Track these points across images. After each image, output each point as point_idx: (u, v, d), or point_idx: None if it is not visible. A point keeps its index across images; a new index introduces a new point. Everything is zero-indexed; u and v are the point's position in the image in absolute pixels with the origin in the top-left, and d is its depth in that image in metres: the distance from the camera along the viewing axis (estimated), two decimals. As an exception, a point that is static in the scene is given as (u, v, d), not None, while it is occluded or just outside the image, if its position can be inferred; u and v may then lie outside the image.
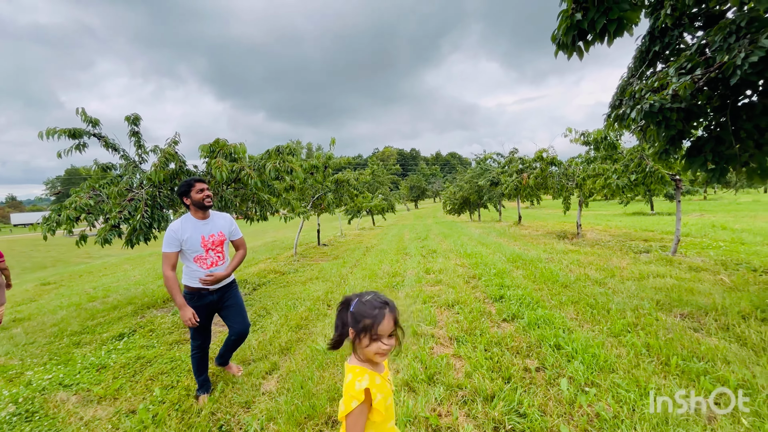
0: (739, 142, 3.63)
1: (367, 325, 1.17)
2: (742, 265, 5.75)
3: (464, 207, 25.08)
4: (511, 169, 13.78)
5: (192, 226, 2.62)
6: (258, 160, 6.19)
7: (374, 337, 1.17)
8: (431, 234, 15.01)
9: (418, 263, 7.72)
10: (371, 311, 1.18)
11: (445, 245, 10.71)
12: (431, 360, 3.00)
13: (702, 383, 2.39)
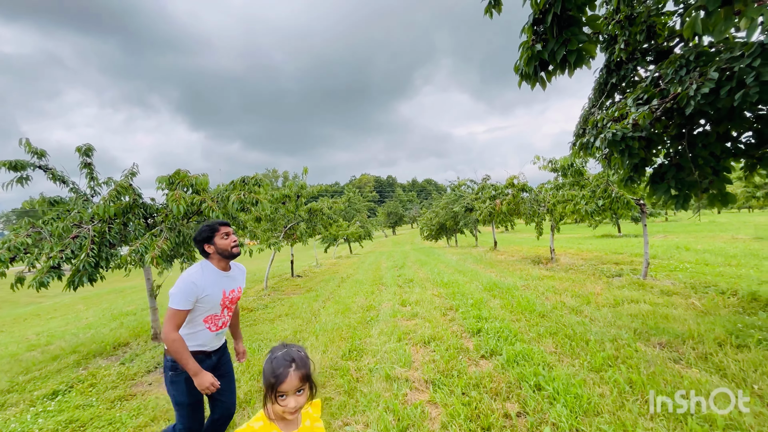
0: (698, 169, 3.72)
1: (271, 383, 1.18)
2: (710, 287, 5.85)
3: (441, 232, 25.19)
4: (484, 196, 13.99)
5: (214, 279, 2.08)
6: (222, 192, 5.90)
7: (278, 395, 1.18)
8: (408, 261, 14.81)
9: (394, 294, 7.46)
10: (276, 369, 1.18)
11: (422, 273, 10.51)
12: (404, 410, 2.72)
13: (691, 425, 2.23)
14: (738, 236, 15.19)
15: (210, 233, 2.11)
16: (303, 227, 10.73)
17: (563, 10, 2.31)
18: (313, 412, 1.41)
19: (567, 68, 2.52)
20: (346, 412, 2.81)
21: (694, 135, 3.77)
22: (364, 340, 4.55)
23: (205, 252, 2.13)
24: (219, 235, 2.12)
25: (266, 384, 1.19)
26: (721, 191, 3.60)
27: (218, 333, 2.14)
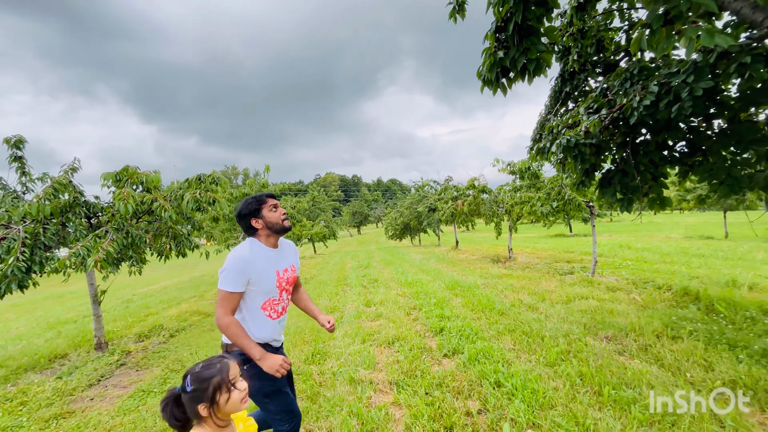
0: (640, 174, 4.04)
1: (219, 381, 1.20)
2: (648, 283, 6.37)
3: (405, 232, 25.47)
4: (446, 197, 14.32)
5: (264, 257, 1.84)
6: (175, 190, 5.55)
7: (231, 385, 1.22)
8: (373, 261, 14.82)
9: (359, 295, 7.42)
10: (213, 369, 1.21)
11: (387, 273, 10.56)
12: (368, 413, 2.70)
13: (633, 413, 2.41)
14: (671, 236, 16.73)
15: (257, 205, 1.86)
16: (264, 227, 10.39)
17: (524, 19, 2.40)
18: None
19: (527, 76, 2.62)
20: (309, 419, 2.74)
21: (636, 143, 4.08)
22: (328, 342, 4.48)
23: (251, 228, 1.88)
24: (267, 207, 1.88)
25: (212, 389, 1.19)
26: (659, 195, 3.92)
27: (280, 321, 1.91)
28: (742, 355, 3.17)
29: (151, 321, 6.62)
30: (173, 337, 5.60)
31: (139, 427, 2.83)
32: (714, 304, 4.69)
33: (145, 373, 4.15)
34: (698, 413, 2.35)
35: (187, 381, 1.19)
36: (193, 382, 1.19)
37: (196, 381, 1.19)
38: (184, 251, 5.34)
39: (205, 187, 5.23)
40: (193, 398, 1.17)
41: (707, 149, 3.80)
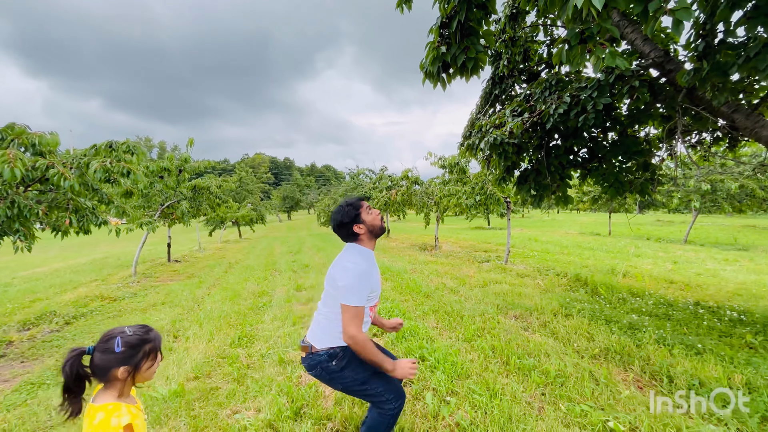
0: (551, 175, 4.61)
1: (150, 348, 1.23)
2: (550, 270, 7.33)
3: (337, 219, 25.36)
4: (381, 186, 14.60)
5: (374, 263, 1.81)
6: (78, 157, 4.81)
7: (157, 355, 1.26)
8: (305, 247, 14.55)
9: (289, 279, 7.28)
10: (149, 335, 1.25)
11: (319, 259, 10.48)
12: (298, 391, 2.73)
13: (533, 377, 2.81)
14: (569, 231, 19.28)
15: (356, 211, 1.78)
16: (185, 206, 9.51)
17: (466, 19, 2.57)
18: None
19: (465, 73, 2.82)
20: (236, 401, 2.68)
21: (550, 147, 4.63)
22: (256, 326, 4.36)
23: (353, 234, 1.78)
24: (364, 211, 1.80)
25: (141, 354, 1.21)
26: (564, 194, 4.52)
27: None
28: (615, 328, 3.87)
29: (39, 307, 5.70)
30: (69, 324, 4.91)
31: (29, 422, 2.48)
32: (598, 288, 5.60)
33: (33, 364, 3.60)
34: (580, 375, 2.84)
35: (117, 342, 1.17)
36: (126, 343, 1.18)
37: (128, 344, 1.19)
38: (88, 227, 4.69)
39: (117, 156, 4.64)
40: (117, 360, 1.16)
41: (602, 157, 4.48)
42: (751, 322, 3.99)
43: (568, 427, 2.23)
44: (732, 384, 2.65)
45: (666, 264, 8.30)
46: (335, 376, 1.71)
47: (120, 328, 1.23)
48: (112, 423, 1.12)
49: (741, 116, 3.35)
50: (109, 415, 1.13)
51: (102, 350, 1.18)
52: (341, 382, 1.72)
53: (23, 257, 14.99)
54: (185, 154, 9.13)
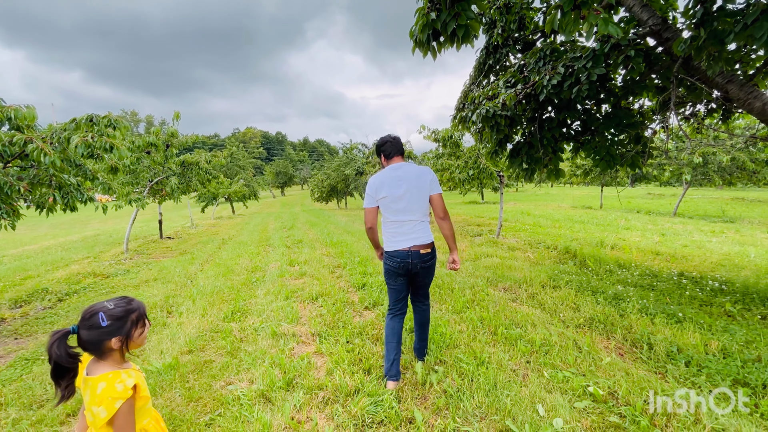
0: (543, 148, 4.57)
1: (136, 317, 1.27)
2: (540, 244, 7.43)
3: (332, 195, 25.25)
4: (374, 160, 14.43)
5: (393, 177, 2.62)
6: (58, 131, 4.65)
7: (144, 322, 1.30)
8: (298, 223, 14.54)
9: (282, 255, 7.30)
10: (132, 305, 1.27)
11: (312, 234, 10.50)
12: (291, 363, 2.79)
13: (519, 346, 2.90)
14: (561, 205, 19.44)
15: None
16: (174, 182, 9.36)
17: (456, -17, 2.44)
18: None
19: (455, 42, 2.71)
20: (229, 373, 2.74)
21: (543, 119, 4.56)
22: (249, 301, 4.40)
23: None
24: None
25: (129, 324, 1.24)
26: (556, 167, 4.51)
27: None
28: (600, 299, 3.97)
29: (31, 285, 5.69)
30: (62, 301, 4.92)
31: (25, 397, 2.53)
32: (586, 260, 5.71)
33: (27, 341, 3.63)
34: (564, 344, 2.94)
35: (101, 317, 1.19)
36: (109, 318, 1.20)
37: (114, 317, 1.21)
38: (74, 204, 4.60)
39: (99, 130, 4.48)
40: (107, 333, 1.19)
41: (595, 129, 4.43)
42: (731, 292, 4.12)
43: (550, 392, 2.32)
44: (708, 350, 2.76)
45: (654, 236, 8.45)
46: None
47: (100, 303, 1.23)
48: (118, 388, 1.16)
49: (735, 87, 3.30)
50: (112, 382, 1.17)
51: (88, 327, 1.19)
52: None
53: (12, 235, 14.81)
54: (172, 128, 8.88)
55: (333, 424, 2.13)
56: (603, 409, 2.14)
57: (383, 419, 2.13)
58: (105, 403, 1.14)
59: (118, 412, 1.15)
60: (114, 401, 1.15)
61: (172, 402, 2.37)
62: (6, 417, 2.29)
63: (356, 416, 2.15)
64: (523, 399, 2.23)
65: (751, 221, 11.23)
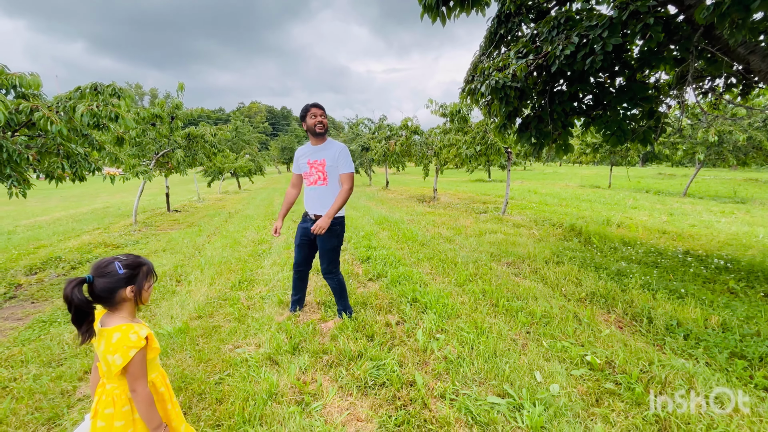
0: (553, 122, 4.47)
1: (147, 270, 1.33)
2: (546, 221, 7.41)
3: (336, 171, 25.07)
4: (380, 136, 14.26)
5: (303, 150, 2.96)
6: (63, 100, 4.63)
7: (152, 277, 1.36)
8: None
9: (288, 228, 7.37)
10: (139, 258, 1.32)
11: (317, 209, 10.53)
12: (297, 329, 2.88)
13: (519, 318, 2.95)
14: (569, 184, 19.20)
15: (304, 113, 2.76)
16: (180, 155, 9.37)
17: (468, -59, 2.32)
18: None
19: (466, 7, 2.61)
20: (237, 337, 2.83)
21: (554, 92, 4.44)
22: (256, 271, 4.49)
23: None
24: (309, 116, 2.74)
25: (141, 276, 1.30)
26: (565, 142, 4.42)
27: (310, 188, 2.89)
28: (603, 274, 3.99)
29: (44, 253, 5.84)
30: (75, 269, 5.06)
31: (44, 355, 2.65)
32: (591, 237, 5.69)
33: (44, 305, 3.77)
34: (564, 316, 2.98)
35: (117, 265, 1.24)
36: (126, 266, 1.26)
37: (130, 265, 1.27)
38: (82, 174, 4.65)
39: (103, 99, 4.45)
40: (123, 280, 1.25)
41: (607, 104, 4.31)
42: (736, 270, 4.11)
43: (548, 360, 2.38)
44: (708, 325, 2.79)
45: (662, 216, 8.37)
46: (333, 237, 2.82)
47: (110, 257, 1.28)
48: (132, 338, 1.22)
49: (757, 58, 3.17)
50: (126, 332, 1.22)
51: (103, 275, 1.23)
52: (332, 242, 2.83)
53: (24, 207, 15.09)
54: (176, 99, 8.80)
55: (337, 385, 2.21)
56: (599, 377, 2.20)
57: (385, 382, 2.21)
58: (120, 351, 1.20)
59: (132, 360, 1.21)
60: (129, 350, 1.21)
61: (183, 363, 2.48)
62: (27, 373, 2.41)
63: (359, 378, 2.24)
64: (521, 366, 2.30)
65: (763, 202, 11.04)
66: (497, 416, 1.88)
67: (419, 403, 2.00)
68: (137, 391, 1.25)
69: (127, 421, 1.28)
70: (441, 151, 10.76)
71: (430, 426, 1.84)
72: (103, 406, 1.28)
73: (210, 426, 1.87)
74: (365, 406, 2.03)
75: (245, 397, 2.06)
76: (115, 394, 1.28)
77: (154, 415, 1.29)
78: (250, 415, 1.93)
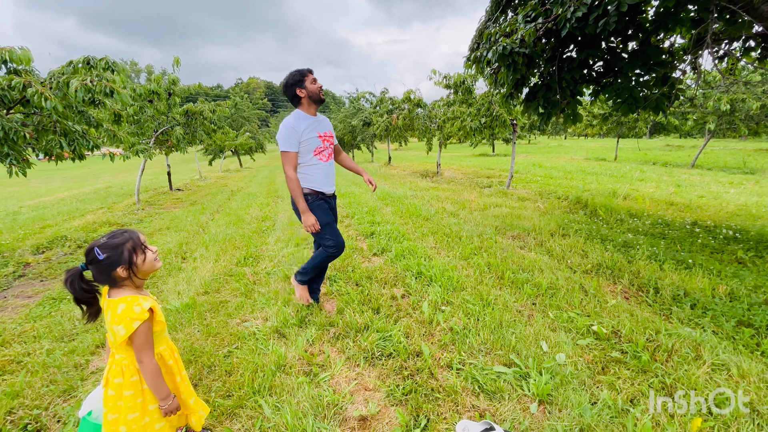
0: (561, 91, 4.31)
1: (132, 245, 1.28)
2: (551, 194, 7.32)
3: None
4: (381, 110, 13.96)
5: (305, 121, 2.47)
6: (57, 76, 4.51)
7: (144, 248, 1.31)
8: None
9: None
10: (122, 235, 1.28)
11: (319, 186, 10.47)
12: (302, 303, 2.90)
13: (525, 289, 2.95)
14: (575, 157, 18.90)
15: (301, 77, 2.39)
16: (179, 132, 9.23)
17: None
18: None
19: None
20: (244, 312, 2.86)
21: (563, 59, 4.25)
22: (260, 247, 4.50)
23: (297, 97, 2.42)
24: (308, 80, 2.41)
25: (127, 252, 1.26)
26: (574, 111, 4.28)
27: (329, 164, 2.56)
28: (609, 246, 3.96)
29: (50, 233, 5.88)
30: (81, 248, 5.09)
31: (55, 331, 2.69)
32: (597, 209, 5.63)
33: (52, 283, 3.81)
34: (570, 287, 2.97)
35: (96, 252, 1.22)
36: (104, 250, 1.23)
37: (108, 248, 1.24)
38: (81, 152, 4.59)
39: (97, 74, 4.33)
40: (109, 264, 1.23)
41: (618, 70, 4.13)
42: (744, 240, 4.06)
43: (554, 331, 2.39)
44: (715, 294, 2.78)
45: (669, 187, 8.24)
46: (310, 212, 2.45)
47: (95, 240, 1.28)
48: (135, 310, 1.23)
49: (782, 16, 2.98)
50: (131, 303, 1.24)
51: (91, 262, 1.26)
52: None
53: (27, 187, 15.13)
54: (173, 75, 8.58)
55: (344, 356, 2.24)
56: (605, 346, 2.20)
57: (392, 352, 2.23)
58: (124, 322, 1.22)
59: (136, 332, 1.23)
60: (132, 321, 1.22)
61: (191, 337, 2.51)
62: (40, 348, 2.46)
63: (366, 350, 2.26)
64: (527, 336, 2.31)
65: (773, 173, 10.83)
66: (504, 385, 1.90)
67: (426, 373, 2.03)
68: (144, 362, 1.27)
69: (136, 390, 1.30)
70: (444, 124, 10.53)
71: (437, 395, 1.87)
72: (113, 375, 1.30)
73: (221, 396, 1.91)
74: (372, 376, 2.06)
75: (254, 369, 2.09)
76: (123, 364, 1.29)
77: (162, 386, 1.31)
78: (260, 385, 1.96)
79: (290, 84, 2.40)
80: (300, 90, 2.39)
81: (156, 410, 1.33)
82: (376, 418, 1.76)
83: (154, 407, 1.33)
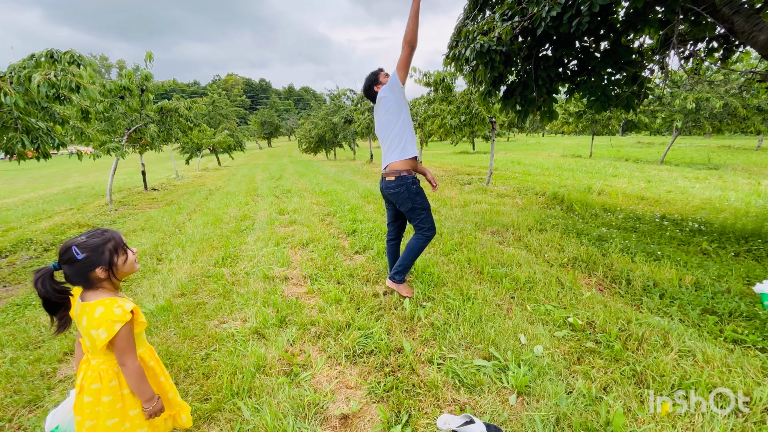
0: (538, 88, 4.40)
1: (113, 245, 1.24)
2: (529, 190, 7.49)
3: (320, 145, 24.59)
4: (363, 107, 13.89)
5: None
6: (18, 70, 4.26)
7: (126, 248, 1.28)
8: (286, 173, 14.28)
9: (271, 204, 7.23)
10: (102, 235, 1.23)
11: (301, 184, 10.36)
12: (283, 302, 2.86)
13: (504, 284, 3.01)
14: (552, 154, 19.39)
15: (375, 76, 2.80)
16: (153, 130, 8.92)
17: None
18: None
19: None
20: (222, 313, 2.80)
21: (539, 57, 4.34)
22: (239, 247, 4.41)
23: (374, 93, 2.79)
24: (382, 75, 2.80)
25: (108, 253, 1.22)
26: (550, 108, 4.38)
27: None
28: (585, 240, 4.08)
29: (14, 235, 5.58)
30: (48, 251, 4.86)
31: (20, 339, 2.56)
32: (573, 205, 5.79)
33: (17, 288, 3.62)
34: (547, 281, 3.05)
35: (74, 251, 1.17)
36: (84, 250, 1.18)
37: (88, 248, 1.19)
38: (46, 150, 4.37)
39: (62, 68, 4.12)
40: (88, 264, 1.19)
41: (592, 68, 4.25)
42: (709, 232, 4.27)
43: (532, 323, 2.45)
44: (682, 284, 2.91)
45: (640, 183, 8.57)
46: (412, 194, 2.60)
47: (73, 238, 1.21)
48: (116, 312, 1.18)
49: (741, 18, 3.14)
50: (110, 306, 1.19)
51: (66, 262, 1.19)
52: (414, 201, 2.60)
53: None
54: (146, 71, 8.27)
55: (326, 355, 2.22)
56: (581, 337, 2.27)
57: (373, 350, 2.23)
58: (105, 325, 1.17)
59: (118, 335, 1.18)
60: (113, 324, 1.17)
61: (168, 340, 2.44)
62: (3, 357, 2.33)
63: (347, 348, 2.25)
64: (506, 330, 2.35)
65: (735, 168, 11.42)
66: (483, 378, 1.93)
67: (407, 369, 2.04)
68: (127, 365, 1.22)
69: (115, 396, 1.25)
70: (425, 122, 10.59)
71: (418, 390, 1.88)
72: (89, 381, 1.24)
73: (198, 400, 1.86)
74: (354, 373, 2.05)
75: (233, 371, 2.05)
76: (101, 369, 1.24)
77: (146, 388, 1.27)
78: (239, 387, 1.92)
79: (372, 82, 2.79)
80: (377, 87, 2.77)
81: (138, 415, 1.29)
82: (358, 416, 1.76)
83: (135, 412, 1.29)
